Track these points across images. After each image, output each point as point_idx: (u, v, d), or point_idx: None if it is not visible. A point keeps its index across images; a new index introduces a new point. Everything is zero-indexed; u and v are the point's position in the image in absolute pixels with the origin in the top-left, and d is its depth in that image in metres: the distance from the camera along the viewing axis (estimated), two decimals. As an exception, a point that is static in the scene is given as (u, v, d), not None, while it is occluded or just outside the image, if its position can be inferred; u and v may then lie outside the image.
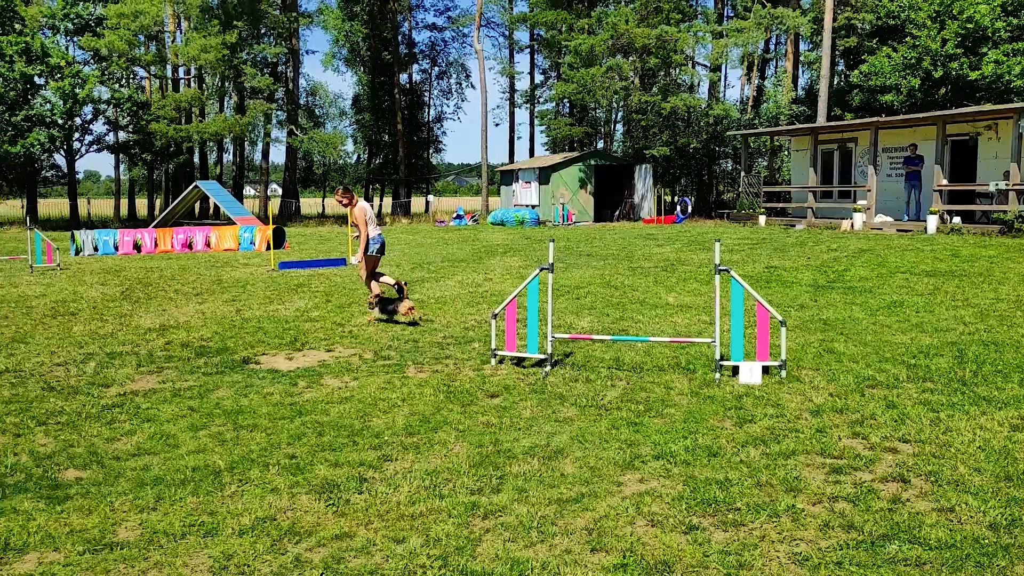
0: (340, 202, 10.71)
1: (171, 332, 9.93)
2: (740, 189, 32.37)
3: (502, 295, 12.36)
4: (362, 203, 10.70)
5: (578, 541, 4.04)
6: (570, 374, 7.37)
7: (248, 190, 56.57)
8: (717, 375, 7.11)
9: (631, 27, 34.70)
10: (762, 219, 28.92)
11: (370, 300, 10.52)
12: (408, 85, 53.69)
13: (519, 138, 61.63)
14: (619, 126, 49.24)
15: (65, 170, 40.07)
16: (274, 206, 46.92)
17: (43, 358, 8.56)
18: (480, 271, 16.11)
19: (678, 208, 36.18)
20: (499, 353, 7.90)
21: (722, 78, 43.38)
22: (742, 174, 32.81)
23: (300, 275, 15.99)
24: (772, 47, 47.20)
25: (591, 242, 23.79)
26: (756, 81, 45.05)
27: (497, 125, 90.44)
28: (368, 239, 10.52)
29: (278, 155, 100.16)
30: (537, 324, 7.65)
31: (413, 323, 10.19)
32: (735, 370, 7.21)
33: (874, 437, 5.48)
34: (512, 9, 50.54)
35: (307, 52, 54.97)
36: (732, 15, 41.51)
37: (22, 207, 40.69)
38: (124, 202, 51.80)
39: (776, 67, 46.61)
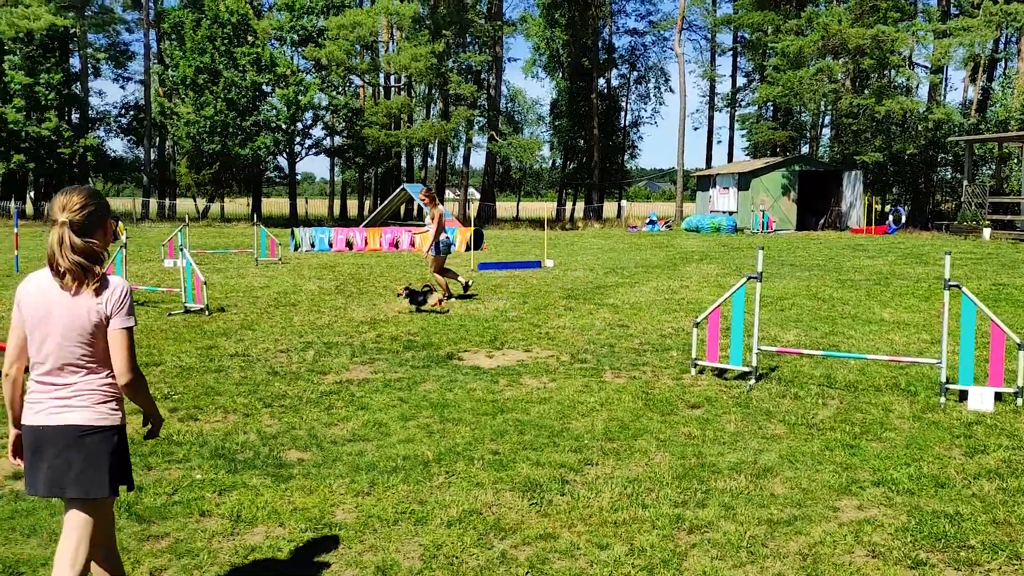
0: (423, 201, 12.72)
1: (381, 326, 10.45)
2: (962, 199, 29.87)
3: (699, 303, 12.06)
4: (441, 207, 12.60)
5: (791, 566, 3.83)
6: (777, 389, 7.05)
7: (448, 193, 58.84)
8: (942, 399, 6.56)
9: (844, 27, 32.91)
10: (986, 232, 26.54)
11: (439, 300, 11.73)
12: (606, 90, 53.80)
13: (718, 142, 60.02)
14: (826, 130, 46.92)
15: (286, 171, 43.31)
16: (474, 208, 48.47)
17: (268, 345, 9.25)
18: (676, 278, 15.83)
19: (890, 218, 33.93)
20: (699, 363, 7.69)
21: (943, 80, 40.21)
22: (964, 183, 30.27)
23: (499, 276, 16.37)
24: (1002, 46, 43.30)
25: (794, 251, 22.78)
26: (982, 83, 41.43)
27: (696, 129, 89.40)
28: (440, 240, 12.39)
29: (477, 159, 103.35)
30: (742, 335, 7.38)
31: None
32: (962, 395, 6.62)
33: None
34: (715, 12, 49.44)
35: (509, 59, 56.21)
36: (957, 12, 38.36)
37: (248, 205, 44.39)
38: (336, 202, 55.41)
39: (1005, 68, 42.68)
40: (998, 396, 6.58)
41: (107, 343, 2.95)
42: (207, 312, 11.39)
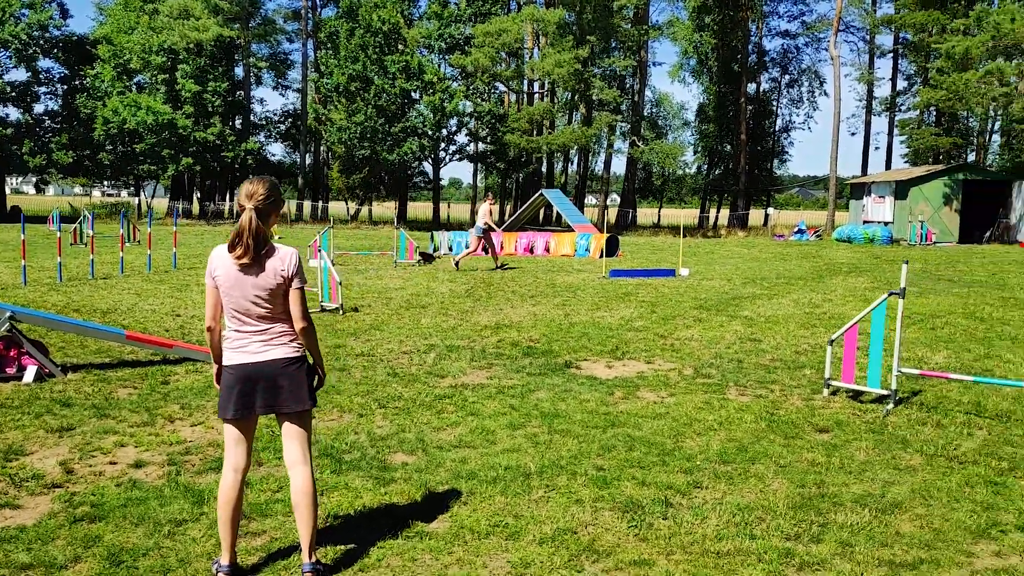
0: (491, 204, 18.01)
1: (504, 331, 10.41)
2: None
3: (842, 319, 11.37)
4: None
5: (912, 616, 3.45)
6: (917, 415, 6.48)
7: (590, 199, 58.62)
8: (1113, 437, 5.83)
9: (1018, 25, 30.43)
10: None
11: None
12: (755, 94, 52.12)
13: (875, 149, 57.25)
14: (996, 137, 43.62)
15: (431, 176, 44.35)
16: (612, 215, 48.04)
17: (393, 346, 9.39)
18: (819, 291, 15.03)
19: (1067, 232, 31.09)
20: (833, 383, 7.19)
21: None
22: None
23: (629, 283, 16.06)
24: None
25: (954, 265, 21.23)
26: None
27: (853, 135, 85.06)
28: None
29: (619, 165, 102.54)
30: (881, 355, 6.83)
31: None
32: None
33: None
34: (875, 12, 46.92)
35: (653, 64, 55.47)
36: None
37: (394, 209, 45.77)
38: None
39: None
40: None
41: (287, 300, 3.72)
42: (341, 311, 11.72)
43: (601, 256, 23.43)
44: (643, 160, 45.63)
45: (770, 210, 47.07)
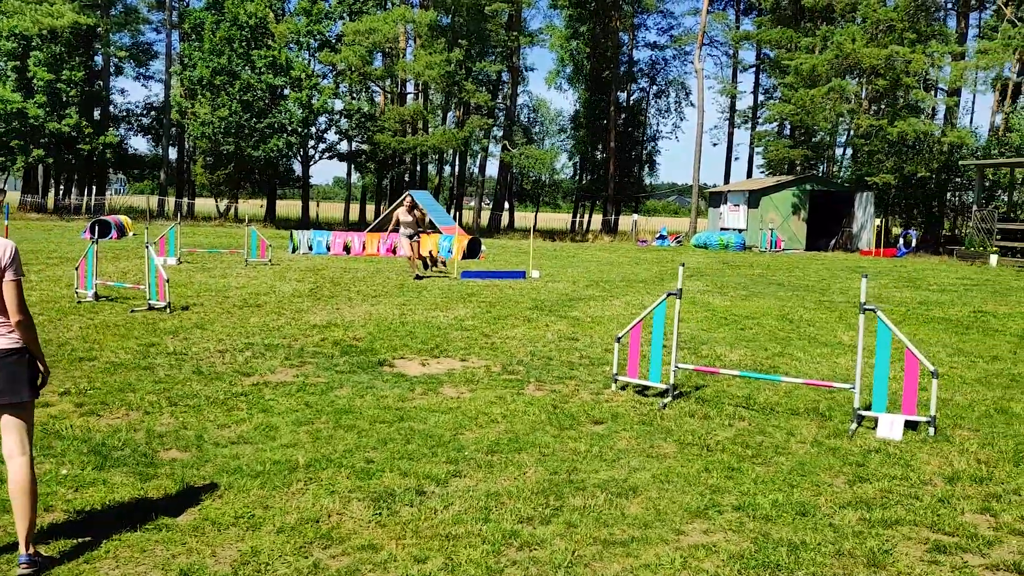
0: (410, 204, 18.01)
1: (331, 330, 10.44)
2: (971, 224, 29.40)
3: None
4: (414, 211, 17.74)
5: (604, 588, 3.74)
6: (690, 408, 6.93)
7: (469, 201, 58.92)
8: (853, 425, 6.41)
9: (859, 47, 32.56)
10: (993, 258, 26.08)
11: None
12: (625, 103, 53.67)
13: (736, 159, 59.81)
14: (845, 151, 46.46)
15: (300, 174, 43.61)
16: (486, 218, 48.49)
17: (209, 344, 9.27)
18: (654, 293, 15.69)
19: (901, 241, 33.47)
20: (620, 379, 7.59)
21: (961, 103, 39.62)
22: (974, 208, 29.79)
23: (477, 284, 16.33)
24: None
25: (791, 271, 22.52)
26: (1008, 108, 40.76)
27: (715, 145, 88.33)
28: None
29: (494, 169, 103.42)
30: (661, 351, 7.27)
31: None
32: (877, 422, 6.47)
33: (1006, 516, 4.68)
34: (738, 27, 49.15)
35: (528, 69, 56.22)
36: (978, 34, 37.84)
37: (262, 207, 44.78)
38: (355, 207, 55.72)
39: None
40: (913, 425, 6.42)
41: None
42: (168, 310, 11.46)
43: (464, 258, 23.68)
44: (516, 164, 46.23)
45: (636, 216, 48.54)
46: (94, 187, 47.24)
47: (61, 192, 47.64)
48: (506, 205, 52.41)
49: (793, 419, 6.71)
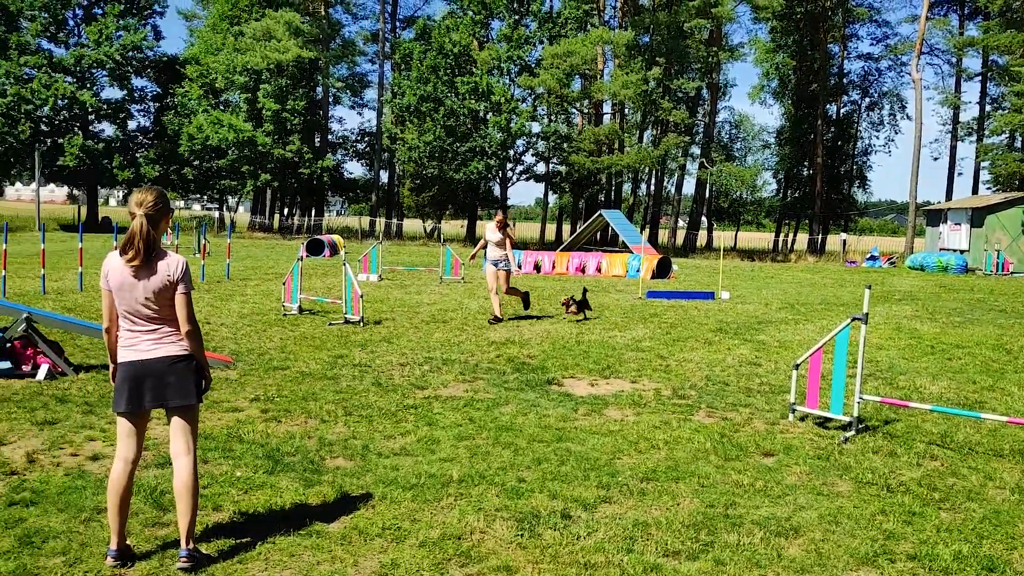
0: (499, 221, 13.04)
1: (508, 347, 10.57)
2: None
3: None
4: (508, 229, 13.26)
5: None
6: (876, 444, 6.36)
7: (665, 221, 58.21)
8: (1070, 473, 5.62)
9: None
10: None
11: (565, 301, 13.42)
12: (835, 116, 51.00)
13: (959, 174, 54.94)
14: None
15: (499, 196, 44.86)
16: (681, 237, 47.62)
17: (393, 357, 9.65)
18: (854, 318, 14.67)
19: None
20: (799, 409, 7.11)
21: None
22: None
23: (661, 305, 15.99)
24: None
25: (1018, 297, 20.36)
26: None
27: (935, 159, 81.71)
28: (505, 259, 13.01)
29: (693, 187, 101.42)
30: (844, 381, 6.74)
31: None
32: (1101, 471, 5.64)
33: None
34: (962, 33, 45.38)
35: (729, 84, 54.67)
36: None
37: (463, 227, 46.44)
38: (552, 227, 56.58)
39: None
40: None
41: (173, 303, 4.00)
42: (362, 324, 12.07)
43: (653, 278, 23.34)
44: (714, 183, 45.11)
45: (844, 235, 45.83)
46: (313, 208, 51.02)
47: (285, 213, 51.80)
48: (703, 224, 51.22)
49: (994, 461, 5.98)
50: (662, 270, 24.20)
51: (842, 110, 51.90)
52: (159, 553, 4.13)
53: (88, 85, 43.65)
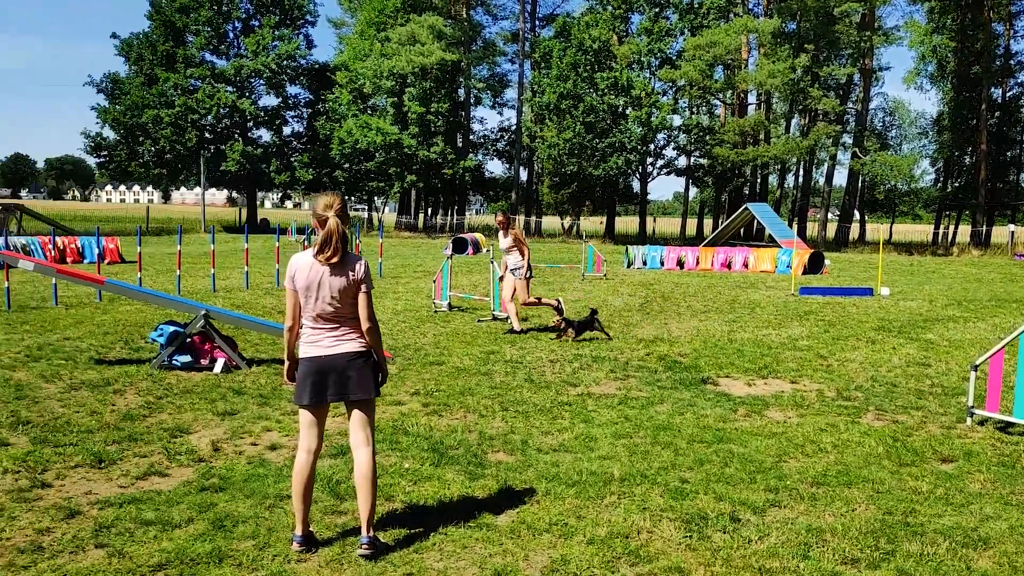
0: (499, 223, 11.54)
1: (657, 344, 10.45)
2: None
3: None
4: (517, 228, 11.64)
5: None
6: (1069, 452, 5.90)
7: (814, 213, 56.02)
8: None
9: None
10: None
11: (557, 323, 10.92)
12: (1000, 100, 47.49)
13: None
14: None
15: (637, 192, 44.41)
16: (832, 230, 45.67)
17: (542, 354, 9.74)
18: (1031, 316, 13.66)
19: None
20: (977, 412, 6.68)
21: None
22: None
23: (816, 302, 15.39)
24: None
25: None
26: None
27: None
28: (521, 265, 11.36)
29: (842, 178, 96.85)
30: (1031, 384, 6.28)
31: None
32: None
33: None
34: None
35: (882, 69, 51.58)
36: None
37: (601, 223, 46.25)
38: (692, 221, 55.54)
39: None
40: None
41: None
42: (509, 320, 12.22)
43: (804, 273, 22.52)
44: (867, 172, 42.99)
45: (1012, 227, 42.65)
46: (454, 208, 52.14)
47: (428, 212, 53.16)
48: (855, 216, 48.90)
49: None
50: (814, 265, 23.31)
51: (1008, 93, 48.24)
52: (339, 540, 4.33)
53: (247, 94, 46.23)
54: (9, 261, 9.40)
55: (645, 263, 24.96)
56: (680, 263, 24.87)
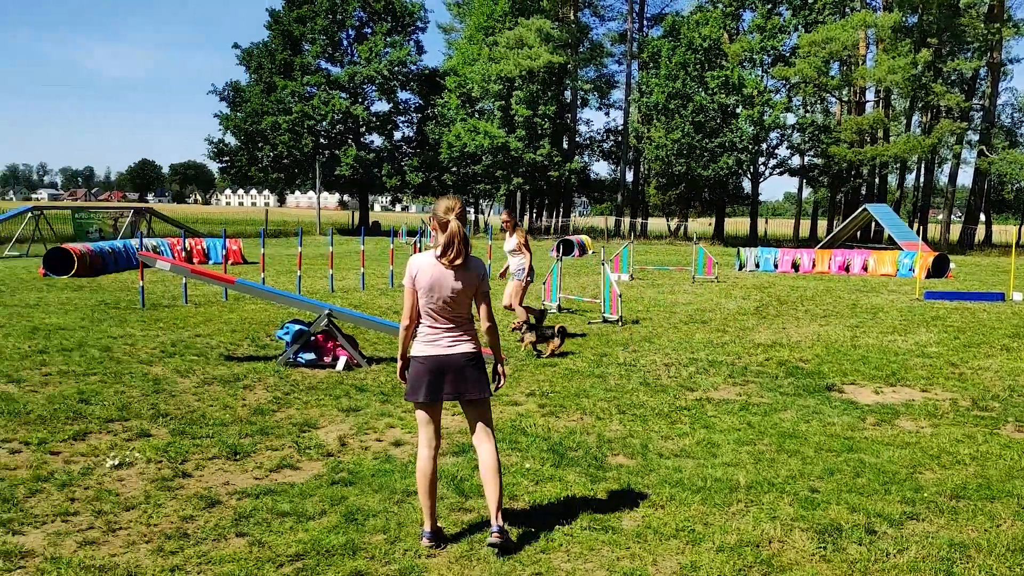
0: (505, 222, 11.25)
1: (776, 349, 10.19)
2: None
3: None
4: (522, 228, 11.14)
5: None
6: None
7: (936, 214, 53.53)
8: None
9: None
10: None
11: (517, 325, 10.00)
12: None
13: None
14: None
15: (749, 192, 43.41)
16: (956, 232, 43.53)
17: (656, 357, 9.64)
18: None
19: None
20: None
21: None
22: None
23: (943, 307, 14.69)
24: None
25: None
26: None
27: None
28: (530, 265, 10.96)
29: (967, 177, 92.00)
30: None
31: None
32: None
33: None
34: None
35: (1012, 62, 48.71)
36: None
37: (710, 225, 45.42)
38: (806, 223, 53.87)
39: None
40: None
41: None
42: (620, 323, 12.17)
43: (928, 276, 21.55)
44: (994, 171, 40.76)
45: None
46: (560, 209, 52.19)
47: (534, 215, 53.41)
48: (981, 218, 46.42)
49: None
50: (938, 269, 22.26)
51: None
52: (467, 536, 4.40)
53: (360, 100, 47.56)
54: (147, 261, 9.96)
55: (758, 265, 24.37)
56: (795, 265, 24.17)
